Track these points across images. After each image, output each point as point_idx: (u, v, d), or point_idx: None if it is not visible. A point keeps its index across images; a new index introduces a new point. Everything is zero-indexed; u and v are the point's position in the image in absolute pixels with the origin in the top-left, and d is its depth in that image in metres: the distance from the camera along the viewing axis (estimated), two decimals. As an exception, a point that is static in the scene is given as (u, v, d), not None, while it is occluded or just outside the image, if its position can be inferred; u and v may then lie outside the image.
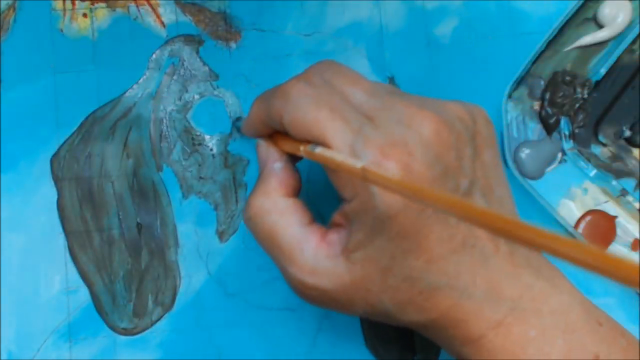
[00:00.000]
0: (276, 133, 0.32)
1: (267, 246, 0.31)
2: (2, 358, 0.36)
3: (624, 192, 0.38)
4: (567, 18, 0.38)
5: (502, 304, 0.29)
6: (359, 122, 0.28)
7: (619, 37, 0.39)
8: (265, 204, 0.30)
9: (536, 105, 0.39)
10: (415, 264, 0.28)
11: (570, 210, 0.38)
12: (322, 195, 0.38)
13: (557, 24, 0.38)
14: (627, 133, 0.39)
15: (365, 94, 0.29)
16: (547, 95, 0.38)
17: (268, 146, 0.32)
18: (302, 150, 0.29)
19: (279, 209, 0.30)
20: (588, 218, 0.38)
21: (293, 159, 0.32)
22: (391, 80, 0.39)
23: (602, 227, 0.38)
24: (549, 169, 0.39)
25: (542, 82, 0.39)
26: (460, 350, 0.30)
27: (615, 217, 0.38)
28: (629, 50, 0.38)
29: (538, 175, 0.38)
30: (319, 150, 0.28)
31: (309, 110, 0.28)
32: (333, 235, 0.29)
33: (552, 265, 0.31)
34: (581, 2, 0.38)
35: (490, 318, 0.28)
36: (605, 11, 0.38)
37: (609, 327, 0.30)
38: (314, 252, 0.29)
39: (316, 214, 0.38)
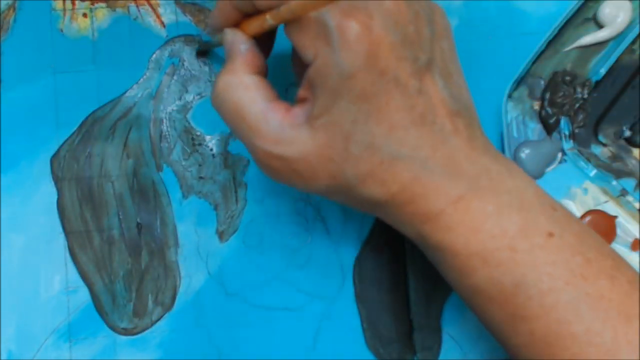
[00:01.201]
0: (241, 21, 0.33)
1: (233, 121, 0.31)
2: (2, 358, 0.36)
3: (623, 192, 0.38)
4: (567, 18, 0.38)
5: (461, 181, 0.30)
6: None
7: (619, 37, 0.39)
8: (231, 81, 0.31)
9: (536, 105, 0.39)
10: (377, 131, 0.29)
11: (571, 210, 0.38)
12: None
13: (557, 24, 0.38)
14: (627, 133, 0.39)
15: None
16: (547, 95, 0.39)
17: (234, 31, 0.33)
18: (268, 17, 0.30)
19: (244, 85, 0.31)
20: (588, 218, 0.38)
21: (259, 45, 0.33)
22: None
23: (602, 227, 0.38)
24: (549, 169, 0.39)
25: (542, 82, 0.39)
26: (420, 229, 0.31)
27: (615, 217, 0.38)
28: (629, 50, 0.39)
29: (538, 175, 0.39)
30: (283, 6, 0.29)
31: None
32: (298, 108, 0.30)
33: (507, 158, 0.32)
34: (581, 2, 0.38)
35: (449, 193, 0.30)
36: (605, 11, 0.38)
37: (563, 212, 0.31)
38: (279, 123, 0.30)
39: (317, 215, 0.38)
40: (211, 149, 0.39)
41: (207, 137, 0.39)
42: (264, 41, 0.34)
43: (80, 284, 0.37)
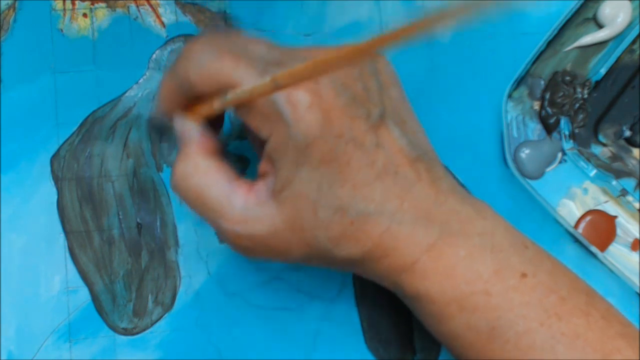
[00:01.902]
0: (189, 105, 0.32)
1: (196, 208, 0.31)
2: (2, 358, 0.36)
3: (624, 192, 0.38)
4: (567, 18, 0.38)
5: (432, 228, 0.30)
6: (263, 65, 0.29)
7: (619, 37, 0.39)
8: (187, 168, 0.31)
9: (536, 105, 0.39)
10: (342, 193, 0.29)
11: (570, 210, 0.38)
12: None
13: (557, 24, 0.38)
14: (627, 133, 0.39)
15: (266, 48, 0.30)
16: (547, 95, 0.39)
17: (183, 117, 0.32)
18: (215, 103, 0.30)
19: (201, 170, 0.31)
20: (588, 218, 0.38)
21: (210, 124, 0.33)
22: None
23: (602, 227, 0.38)
24: (549, 169, 0.39)
25: (542, 82, 0.39)
26: (397, 280, 0.31)
27: (615, 217, 0.38)
28: (629, 50, 0.39)
29: (538, 175, 0.39)
30: (230, 93, 0.29)
31: (212, 61, 0.29)
32: (260, 184, 0.30)
33: (473, 196, 0.33)
34: (581, 2, 0.38)
35: (422, 242, 0.30)
36: (605, 11, 0.38)
37: (534, 250, 0.31)
38: (243, 203, 0.30)
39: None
40: (211, 149, 0.39)
41: (207, 137, 0.39)
42: (215, 118, 0.33)
43: (80, 284, 0.37)
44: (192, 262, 0.38)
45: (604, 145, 0.39)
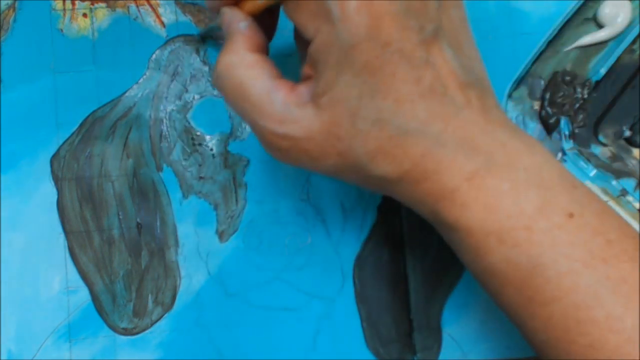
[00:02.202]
0: (239, 1, 0.32)
1: (236, 101, 0.30)
2: (2, 358, 0.36)
3: (624, 192, 0.38)
4: (567, 18, 0.38)
5: (476, 156, 0.28)
6: None
7: (619, 37, 0.39)
8: (232, 59, 0.30)
9: (536, 105, 0.39)
10: (383, 105, 0.28)
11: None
12: (325, 197, 0.39)
13: (557, 24, 0.38)
14: (627, 133, 0.39)
15: None
16: (547, 95, 0.39)
17: (231, 9, 0.32)
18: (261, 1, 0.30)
19: (246, 63, 0.30)
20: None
21: (260, 23, 0.32)
22: None
23: None
24: (549, 169, 0.39)
25: (542, 82, 0.39)
26: (435, 208, 0.29)
27: None
28: (629, 50, 0.39)
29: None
30: None
31: None
32: (302, 86, 0.29)
33: (524, 132, 0.31)
34: (581, 2, 0.38)
35: (463, 169, 0.28)
36: (605, 11, 0.38)
37: (583, 190, 0.30)
38: (283, 102, 0.29)
39: (317, 215, 0.38)
40: (211, 149, 0.39)
41: (207, 137, 0.39)
42: (266, 22, 0.33)
43: (80, 284, 0.37)
44: (192, 262, 0.38)
45: (604, 145, 0.39)
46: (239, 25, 0.31)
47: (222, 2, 0.32)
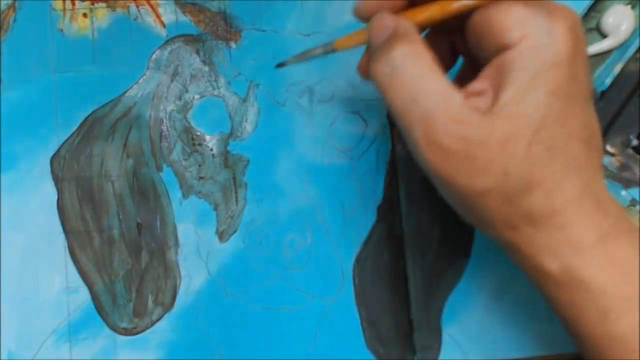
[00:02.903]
0: (405, 9, 0.30)
1: (408, 92, 0.28)
2: (2, 358, 0.36)
3: (634, 202, 0.38)
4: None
5: (609, 217, 0.28)
6: None
7: (622, 45, 0.39)
8: (411, 49, 0.28)
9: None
10: (559, 135, 0.27)
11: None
12: (325, 197, 0.39)
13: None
14: (635, 142, 0.39)
15: None
16: None
17: (396, 16, 0.30)
18: (457, 4, 0.28)
19: (425, 56, 0.28)
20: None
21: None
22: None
23: None
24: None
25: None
26: (568, 261, 0.28)
27: None
28: (634, 58, 0.39)
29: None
30: None
31: None
32: (476, 98, 0.28)
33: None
34: (584, 12, 0.38)
35: (602, 225, 0.28)
36: (609, 20, 0.38)
37: None
38: (462, 103, 0.27)
39: (317, 215, 0.38)
40: (211, 149, 0.39)
41: (207, 137, 0.39)
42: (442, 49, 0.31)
43: (80, 284, 0.37)
44: (192, 262, 0.38)
45: (612, 155, 0.39)
46: (407, 28, 0.29)
47: (380, 8, 0.31)
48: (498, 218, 0.28)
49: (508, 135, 0.27)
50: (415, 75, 0.28)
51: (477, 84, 0.28)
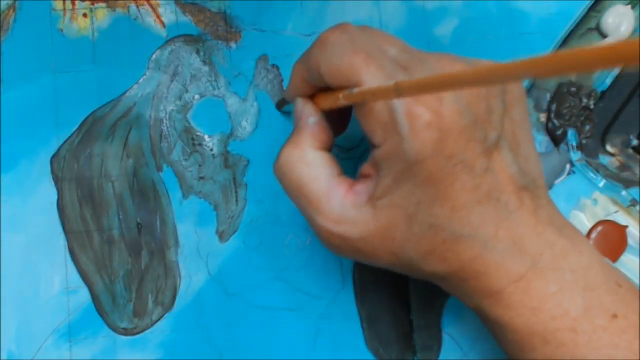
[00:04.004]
0: (316, 93, 0.33)
1: (294, 195, 0.31)
2: (2, 358, 0.36)
3: (634, 202, 0.38)
4: (570, 28, 0.38)
5: (524, 259, 0.29)
6: (393, 70, 0.28)
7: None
8: (294, 155, 0.31)
9: (542, 117, 0.39)
10: (440, 212, 0.28)
11: (581, 221, 0.38)
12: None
13: (560, 35, 0.38)
14: (635, 142, 0.39)
15: (399, 49, 0.30)
16: (553, 107, 0.39)
17: (305, 102, 0.33)
18: (341, 96, 0.30)
19: (307, 161, 0.31)
20: (599, 228, 0.39)
21: (328, 117, 0.33)
22: None
23: (613, 236, 0.38)
24: (557, 181, 0.39)
25: (548, 94, 0.39)
26: (479, 303, 0.30)
27: (626, 226, 0.38)
28: (634, 59, 0.38)
29: (547, 187, 0.38)
30: (356, 90, 0.29)
31: (345, 55, 0.29)
32: (360, 185, 0.30)
33: (572, 226, 0.32)
34: (584, 12, 0.38)
35: (511, 272, 0.29)
36: (608, 20, 0.38)
37: (627, 288, 0.31)
38: (340, 202, 0.30)
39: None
40: (211, 149, 0.39)
41: (207, 137, 0.39)
42: (337, 116, 0.33)
43: (80, 284, 0.37)
44: (192, 262, 0.38)
45: (612, 155, 0.39)
46: (307, 120, 0.32)
47: (298, 93, 0.33)
48: (412, 276, 0.32)
49: (385, 225, 0.29)
50: (297, 182, 0.31)
51: (366, 167, 0.30)
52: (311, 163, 0.31)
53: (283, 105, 0.39)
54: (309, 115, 0.32)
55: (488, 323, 0.31)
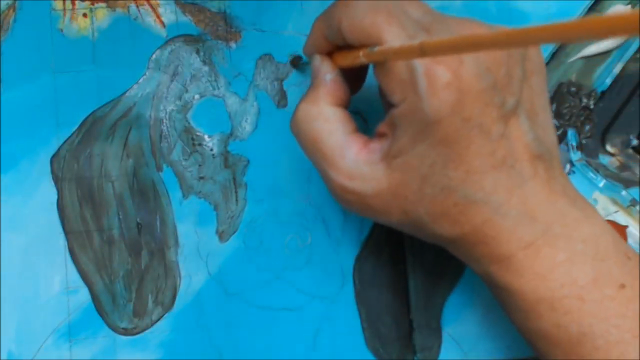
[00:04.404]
0: (334, 51, 0.33)
1: (310, 151, 0.32)
2: (2, 358, 0.36)
3: (634, 202, 0.38)
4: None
5: (535, 227, 0.29)
6: (415, 30, 0.28)
7: (623, 45, 0.39)
8: (311, 111, 0.32)
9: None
10: (454, 174, 0.29)
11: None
12: (325, 197, 0.39)
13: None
14: (635, 142, 0.39)
15: (422, 11, 0.30)
16: (553, 107, 0.39)
17: (323, 59, 0.33)
18: (362, 54, 0.30)
19: (324, 116, 0.31)
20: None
21: (345, 75, 0.33)
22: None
23: None
24: (557, 181, 0.39)
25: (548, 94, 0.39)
26: (487, 269, 0.31)
27: (626, 226, 0.38)
28: (634, 58, 0.39)
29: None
30: (377, 49, 0.29)
31: (367, 14, 0.29)
32: (375, 144, 0.30)
33: (585, 198, 0.32)
34: (584, 12, 0.38)
35: (522, 238, 0.29)
36: (609, 20, 0.38)
37: (636, 261, 0.31)
38: (354, 158, 0.30)
39: (317, 215, 0.38)
40: (211, 149, 0.39)
41: (207, 137, 0.39)
42: (354, 74, 0.34)
43: (80, 284, 0.37)
44: (192, 262, 0.38)
45: (612, 155, 0.39)
46: (325, 76, 0.32)
47: (316, 49, 0.33)
48: (420, 237, 0.32)
49: (398, 184, 0.29)
50: (313, 137, 0.31)
51: (382, 126, 0.31)
52: (328, 119, 0.31)
53: (298, 62, 0.39)
54: (327, 72, 0.32)
55: (496, 290, 0.32)
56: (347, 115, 0.32)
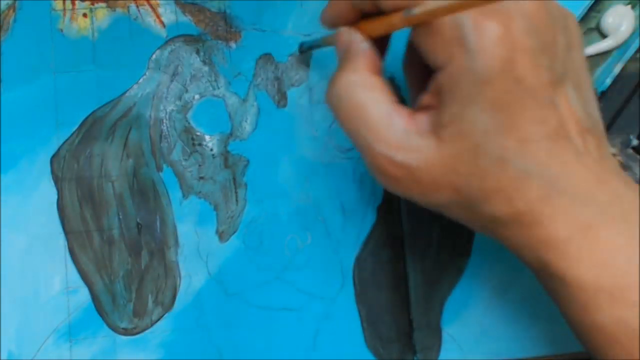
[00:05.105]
0: (359, 21, 0.31)
1: (352, 122, 0.29)
2: (2, 358, 0.36)
3: None
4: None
5: (592, 206, 0.27)
6: None
7: (622, 46, 0.39)
8: (354, 79, 0.29)
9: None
10: (508, 143, 0.27)
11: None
12: (325, 197, 0.39)
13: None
14: (635, 142, 0.39)
15: None
16: None
17: (352, 30, 0.31)
18: (401, 17, 0.28)
19: (369, 85, 0.29)
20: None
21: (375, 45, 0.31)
22: (391, 80, 0.39)
23: None
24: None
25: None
26: (543, 256, 0.28)
27: None
28: (634, 58, 0.39)
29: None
30: (417, 9, 0.27)
31: None
32: (421, 115, 0.28)
33: (633, 181, 0.30)
34: (584, 12, 0.38)
35: (579, 218, 0.27)
36: (608, 20, 0.39)
37: None
38: (403, 128, 0.28)
39: (317, 215, 0.38)
40: (211, 149, 0.39)
41: (207, 137, 0.39)
42: (379, 44, 0.31)
43: (80, 284, 0.37)
44: (192, 262, 0.38)
45: (612, 155, 0.39)
46: (360, 45, 0.30)
47: (340, 20, 0.32)
48: (468, 222, 0.30)
49: (450, 156, 0.27)
50: (357, 107, 0.29)
51: (426, 98, 0.29)
52: (373, 87, 0.29)
53: (308, 48, 0.38)
54: (360, 41, 0.30)
55: (549, 281, 0.29)
56: (389, 86, 0.30)
